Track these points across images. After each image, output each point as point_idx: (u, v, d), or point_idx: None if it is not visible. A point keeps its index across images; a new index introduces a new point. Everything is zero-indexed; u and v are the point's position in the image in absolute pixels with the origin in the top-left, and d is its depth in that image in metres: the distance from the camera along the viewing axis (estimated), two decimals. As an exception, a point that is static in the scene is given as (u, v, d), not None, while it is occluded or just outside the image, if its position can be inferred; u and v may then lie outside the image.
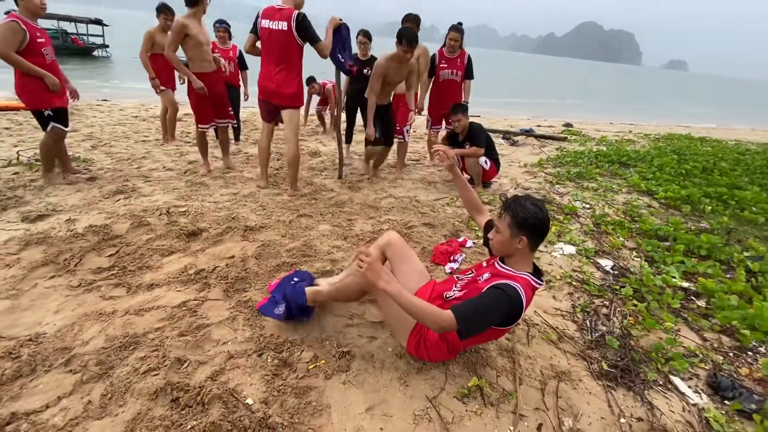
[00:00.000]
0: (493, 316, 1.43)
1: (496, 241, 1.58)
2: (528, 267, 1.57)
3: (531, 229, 1.49)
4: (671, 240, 3.09)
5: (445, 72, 4.29)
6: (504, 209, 1.56)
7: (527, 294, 1.46)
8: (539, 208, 1.50)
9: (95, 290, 2.08)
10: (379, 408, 1.52)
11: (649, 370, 1.80)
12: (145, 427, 1.36)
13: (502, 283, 1.46)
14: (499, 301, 1.43)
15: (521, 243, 1.51)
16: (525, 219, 1.48)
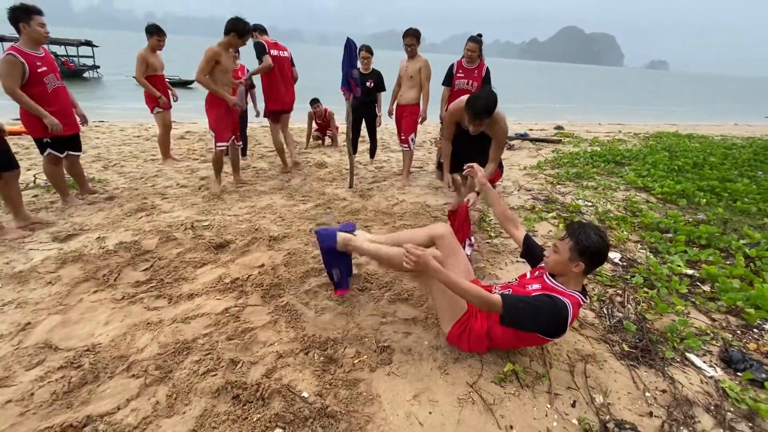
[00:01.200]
0: (538, 319, 1.54)
1: (553, 260, 1.66)
2: (577, 287, 1.65)
3: (591, 256, 1.57)
4: (672, 232, 3.27)
5: (460, 81, 4.41)
6: (568, 233, 1.64)
7: (574, 311, 1.56)
8: (602, 238, 1.58)
9: (138, 302, 2.19)
10: (424, 395, 1.65)
11: (666, 349, 1.95)
12: (214, 422, 1.47)
13: (553, 295, 1.57)
14: (548, 307, 1.53)
15: (578, 267, 1.59)
16: (588, 247, 1.56)
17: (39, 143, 3.32)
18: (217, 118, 3.87)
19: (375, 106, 5.06)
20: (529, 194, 4.30)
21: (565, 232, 1.67)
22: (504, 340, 1.74)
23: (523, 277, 1.85)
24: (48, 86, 3.20)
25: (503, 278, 2.58)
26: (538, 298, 1.57)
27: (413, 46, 4.41)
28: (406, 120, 4.66)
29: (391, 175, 5.07)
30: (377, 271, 2.58)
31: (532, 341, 1.73)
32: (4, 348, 1.83)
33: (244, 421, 1.47)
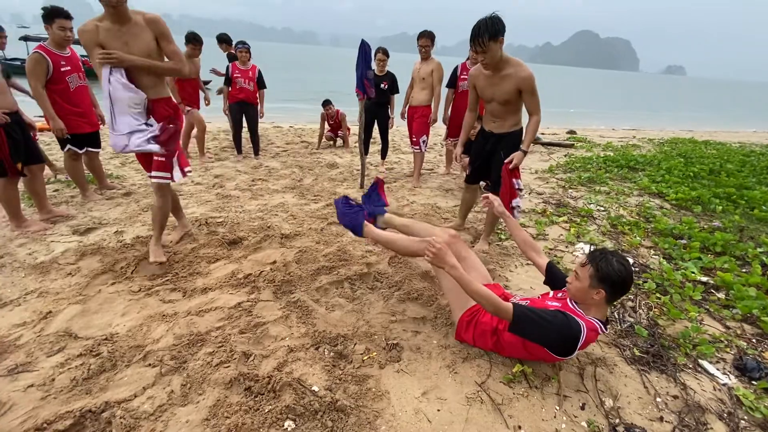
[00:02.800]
0: (547, 332, 1.54)
1: (574, 287, 1.65)
2: (599, 316, 1.62)
3: (612, 284, 1.54)
4: (687, 238, 3.22)
5: (465, 83, 4.44)
6: (589, 260, 1.61)
7: (589, 335, 1.55)
8: (624, 266, 1.54)
9: (154, 294, 2.24)
10: (432, 392, 1.66)
11: (679, 355, 1.93)
12: (226, 412, 1.50)
13: (569, 314, 1.57)
14: (559, 323, 1.53)
15: (598, 295, 1.57)
16: (608, 274, 1.53)
17: (60, 139, 3.43)
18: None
19: (388, 107, 5.09)
20: (540, 198, 4.28)
21: (586, 259, 1.65)
22: (511, 346, 1.74)
23: (546, 296, 1.84)
24: (71, 85, 3.35)
25: (513, 280, 2.59)
26: (552, 313, 1.56)
27: (428, 48, 4.44)
28: (417, 122, 4.69)
29: (402, 176, 5.10)
30: (387, 270, 2.61)
31: (540, 356, 1.71)
32: (27, 335, 1.89)
33: (255, 412, 1.50)
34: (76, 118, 3.42)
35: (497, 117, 2.78)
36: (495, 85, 2.64)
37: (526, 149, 2.69)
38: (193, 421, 1.46)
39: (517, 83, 2.54)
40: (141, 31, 2.24)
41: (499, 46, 2.45)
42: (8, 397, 1.55)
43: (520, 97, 2.61)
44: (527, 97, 2.59)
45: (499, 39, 2.42)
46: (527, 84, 2.54)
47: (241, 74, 5.16)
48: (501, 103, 2.68)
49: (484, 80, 2.71)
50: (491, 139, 2.86)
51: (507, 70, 2.57)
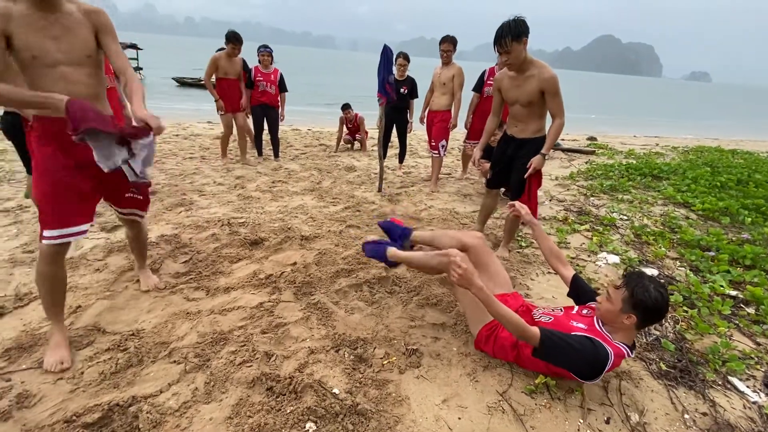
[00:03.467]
0: (573, 360, 1.51)
1: (605, 309, 1.59)
2: (626, 340, 1.57)
3: (645, 312, 1.49)
4: (714, 250, 3.13)
5: (490, 88, 4.43)
6: (624, 283, 1.55)
7: (615, 361, 1.50)
8: (662, 294, 1.48)
9: (179, 292, 2.29)
10: (453, 400, 1.65)
11: (707, 371, 1.87)
12: (249, 411, 1.52)
13: (596, 340, 1.52)
14: (586, 351, 1.48)
15: (629, 320, 1.52)
16: (643, 301, 1.48)
17: None
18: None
19: (407, 112, 5.11)
20: (561, 205, 4.22)
21: (621, 281, 1.59)
22: (532, 363, 1.71)
23: (570, 311, 1.78)
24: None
25: (534, 289, 2.55)
26: (579, 341, 1.51)
27: (449, 53, 4.44)
28: (437, 126, 4.69)
29: (420, 180, 5.09)
30: (406, 274, 2.60)
31: (562, 375, 1.68)
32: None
33: (277, 413, 1.51)
34: None
35: (520, 121, 2.77)
36: (518, 86, 2.64)
37: (547, 153, 2.66)
38: (216, 418, 1.49)
39: (541, 84, 2.53)
40: (76, 25, 1.67)
41: (522, 47, 2.46)
42: (38, 389, 1.60)
43: (544, 99, 2.59)
44: (550, 98, 2.56)
45: (523, 40, 2.43)
46: (550, 85, 2.52)
47: (264, 78, 5.25)
48: (524, 105, 2.66)
49: (508, 82, 2.71)
50: (512, 143, 2.84)
51: (531, 71, 2.56)
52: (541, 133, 2.76)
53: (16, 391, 1.57)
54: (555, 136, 2.63)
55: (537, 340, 1.51)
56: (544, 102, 2.60)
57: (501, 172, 2.97)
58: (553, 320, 1.69)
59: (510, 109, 2.83)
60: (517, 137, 2.80)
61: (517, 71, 2.61)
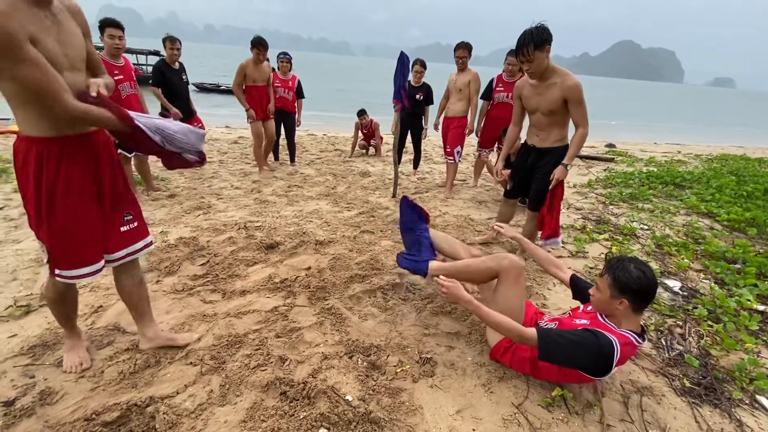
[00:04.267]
0: (576, 355, 1.47)
1: (596, 300, 1.60)
2: (632, 327, 1.54)
3: (633, 293, 1.48)
4: (741, 263, 3.02)
5: (499, 95, 4.41)
6: (606, 270, 1.56)
7: (623, 350, 1.45)
8: (643, 272, 1.48)
9: (196, 294, 2.33)
10: (467, 411, 1.62)
11: (734, 389, 1.80)
12: (263, 415, 1.53)
13: (597, 330, 1.49)
14: (588, 344, 1.45)
15: (621, 305, 1.51)
16: (626, 283, 1.48)
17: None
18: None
19: (422, 118, 5.10)
20: (579, 213, 4.15)
21: (603, 268, 1.59)
22: (547, 370, 1.68)
23: (576, 311, 1.77)
24: (122, 93, 3.64)
25: (551, 299, 2.50)
26: (580, 334, 1.49)
27: (464, 59, 4.43)
28: (452, 132, 4.67)
29: (434, 186, 5.08)
30: (419, 281, 2.59)
31: (577, 378, 1.64)
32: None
33: (291, 418, 1.52)
34: None
35: (541, 130, 2.73)
36: (540, 94, 2.60)
37: (569, 163, 2.61)
38: (231, 422, 1.50)
39: (563, 92, 2.49)
40: (69, 23, 1.43)
41: (545, 55, 2.43)
42: (61, 386, 1.64)
43: (566, 108, 2.55)
44: (573, 107, 2.51)
45: (546, 48, 2.40)
46: (574, 93, 2.47)
47: (282, 84, 5.32)
48: (545, 113, 2.62)
49: (529, 89, 2.67)
50: (533, 153, 2.81)
51: (553, 79, 2.52)
52: (563, 142, 2.71)
53: (39, 388, 1.62)
54: (578, 146, 2.58)
55: (535, 340, 1.50)
56: (566, 111, 2.56)
57: (521, 183, 2.94)
58: (557, 324, 1.67)
59: (530, 118, 2.80)
60: (537, 147, 2.77)
61: (539, 79, 2.57)
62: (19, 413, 1.50)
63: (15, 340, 1.89)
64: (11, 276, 2.42)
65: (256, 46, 4.61)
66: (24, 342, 1.87)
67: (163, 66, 4.48)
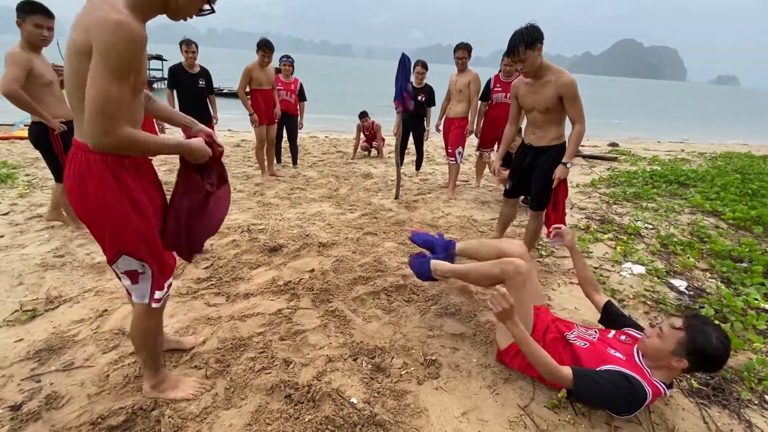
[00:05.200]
0: (609, 401, 1.48)
1: (652, 346, 1.51)
2: (666, 379, 1.50)
3: (701, 361, 1.42)
4: (747, 261, 2.99)
5: (498, 95, 4.43)
6: (685, 325, 1.47)
7: (651, 399, 1.44)
8: (724, 346, 1.40)
9: (200, 298, 2.33)
10: (473, 413, 1.61)
11: (742, 390, 1.78)
12: (267, 418, 1.53)
13: (634, 378, 1.45)
14: (623, 391, 1.43)
15: (679, 363, 1.44)
16: (702, 351, 1.40)
17: None
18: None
19: (424, 120, 5.11)
20: (582, 213, 4.13)
21: (681, 320, 1.50)
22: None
23: (606, 334, 1.71)
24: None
25: (555, 299, 2.49)
26: (616, 382, 1.45)
27: (464, 60, 4.44)
28: (453, 133, 4.67)
29: (436, 187, 5.07)
30: (423, 283, 2.58)
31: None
32: (84, 331, 2.02)
33: (296, 421, 1.51)
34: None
35: (538, 128, 2.73)
36: (535, 92, 2.60)
37: (569, 161, 2.60)
38: (236, 425, 1.50)
39: (558, 90, 2.49)
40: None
41: (537, 53, 2.43)
42: (66, 391, 1.65)
43: (562, 105, 2.54)
44: (569, 104, 2.51)
45: (537, 47, 2.41)
46: (569, 90, 2.47)
47: (284, 87, 5.33)
48: (541, 111, 2.62)
49: (524, 88, 2.68)
50: (531, 152, 2.80)
51: (548, 77, 2.53)
52: (560, 140, 2.71)
53: (45, 392, 1.62)
54: (576, 143, 2.58)
55: (569, 382, 1.47)
56: (563, 108, 2.56)
57: (520, 183, 2.93)
58: (588, 346, 1.63)
59: (527, 117, 2.80)
60: (535, 146, 2.76)
61: (533, 78, 2.57)
62: (25, 417, 1.50)
63: (21, 345, 1.90)
64: (17, 280, 2.43)
65: (261, 48, 4.57)
66: (30, 346, 1.88)
67: (178, 69, 4.49)
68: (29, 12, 2.66)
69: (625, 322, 1.78)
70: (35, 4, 2.68)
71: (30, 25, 2.66)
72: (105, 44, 1.08)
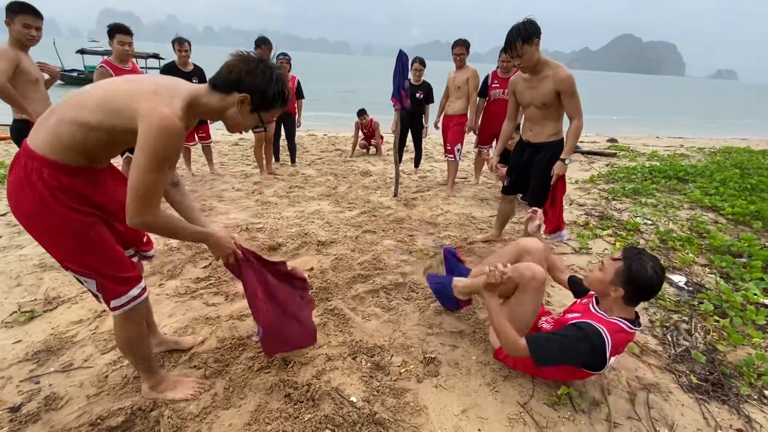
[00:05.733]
0: (568, 353, 1.48)
1: (594, 277, 1.58)
2: (624, 314, 1.53)
3: (635, 288, 1.47)
4: (746, 256, 2.99)
5: (495, 92, 4.41)
6: (622, 255, 1.52)
7: (614, 338, 1.44)
8: (657, 275, 1.45)
9: (199, 297, 2.33)
10: (473, 411, 1.61)
11: (742, 385, 1.78)
12: (267, 418, 1.52)
13: (584, 322, 1.48)
14: (575, 338, 1.45)
15: (616, 292, 1.50)
16: (635, 278, 1.45)
17: None
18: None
19: (423, 117, 5.09)
20: (581, 209, 4.12)
21: (620, 253, 1.56)
22: (552, 372, 1.68)
23: (574, 304, 1.77)
24: None
25: (555, 296, 2.49)
26: (565, 332, 1.49)
27: (462, 56, 4.42)
28: (452, 130, 4.65)
29: (435, 185, 5.06)
30: (422, 280, 2.58)
31: (579, 374, 1.62)
32: (83, 332, 2.01)
33: (295, 420, 1.51)
34: None
35: (535, 124, 2.72)
36: (533, 88, 2.59)
37: (567, 158, 2.60)
38: (235, 425, 1.50)
39: (556, 85, 2.48)
40: None
41: (534, 48, 2.43)
42: (65, 392, 1.65)
43: (560, 100, 2.53)
44: (566, 99, 2.50)
45: (534, 42, 2.40)
46: (566, 85, 2.46)
47: None
48: (539, 107, 2.61)
49: (522, 84, 2.67)
50: (528, 149, 2.79)
51: (545, 72, 2.52)
52: (558, 136, 2.70)
53: (44, 394, 1.62)
54: (574, 139, 2.57)
55: (526, 350, 1.50)
56: (560, 104, 2.55)
57: (518, 179, 2.92)
58: (553, 324, 1.67)
59: (525, 113, 2.79)
60: (532, 142, 2.75)
61: (531, 73, 2.57)
62: (24, 419, 1.50)
63: (20, 346, 1.89)
64: (15, 282, 2.42)
65: (260, 45, 4.57)
66: (29, 348, 1.88)
67: (171, 68, 4.48)
68: (18, 12, 2.68)
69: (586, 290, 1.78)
70: (24, 4, 2.70)
71: (19, 25, 2.68)
72: (148, 140, 1.17)
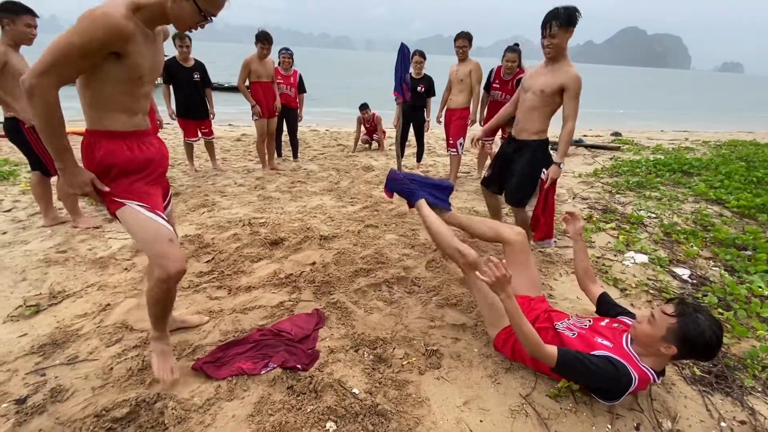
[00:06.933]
0: (590, 380, 1.47)
1: (642, 331, 1.47)
2: (656, 366, 1.48)
3: (690, 350, 1.39)
4: (751, 249, 2.97)
5: (495, 93, 4.41)
6: (677, 312, 1.42)
7: (639, 386, 1.43)
8: (716, 336, 1.36)
9: (202, 291, 2.34)
10: (474, 402, 1.62)
11: (746, 377, 1.77)
12: (270, 409, 1.53)
13: (620, 362, 1.43)
14: (607, 376, 1.42)
15: (668, 350, 1.41)
16: (693, 339, 1.36)
17: None
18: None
19: (424, 111, 5.07)
20: (585, 203, 4.10)
21: (673, 306, 1.45)
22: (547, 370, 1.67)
23: (598, 322, 1.69)
24: None
25: (557, 289, 2.48)
26: (600, 364, 1.43)
27: (465, 48, 4.39)
28: (455, 124, 4.63)
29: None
30: (425, 274, 2.58)
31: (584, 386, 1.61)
32: (87, 326, 2.03)
33: (298, 411, 1.52)
34: None
35: (524, 114, 2.65)
36: (542, 74, 2.54)
37: (560, 161, 2.55)
38: (239, 416, 1.51)
39: (564, 79, 2.44)
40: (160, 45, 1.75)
41: (567, 36, 2.40)
42: (71, 384, 1.66)
43: (557, 97, 2.50)
44: (568, 98, 2.46)
45: (569, 29, 2.37)
46: (574, 84, 2.43)
47: (283, 80, 5.29)
48: (536, 93, 2.54)
49: (534, 71, 2.63)
50: (512, 144, 2.76)
51: (560, 65, 2.48)
52: (541, 136, 2.65)
53: (50, 386, 1.63)
54: (567, 142, 2.51)
55: (553, 360, 1.47)
56: (555, 100, 2.51)
57: (498, 172, 2.87)
58: (576, 336, 1.61)
59: (521, 100, 2.71)
60: (517, 138, 2.72)
61: (552, 60, 2.51)
62: (30, 411, 1.52)
63: (25, 339, 1.91)
64: (20, 276, 2.44)
65: (260, 40, 4.54)
66: (34, 341, 1.89)
67: (172, 64, 4.48)
68: (20, 13, 2.73)
69: (620, 311, 1.76)
70: (23, 5, 2.75)
71: (22, 25, 2.74)
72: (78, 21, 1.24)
